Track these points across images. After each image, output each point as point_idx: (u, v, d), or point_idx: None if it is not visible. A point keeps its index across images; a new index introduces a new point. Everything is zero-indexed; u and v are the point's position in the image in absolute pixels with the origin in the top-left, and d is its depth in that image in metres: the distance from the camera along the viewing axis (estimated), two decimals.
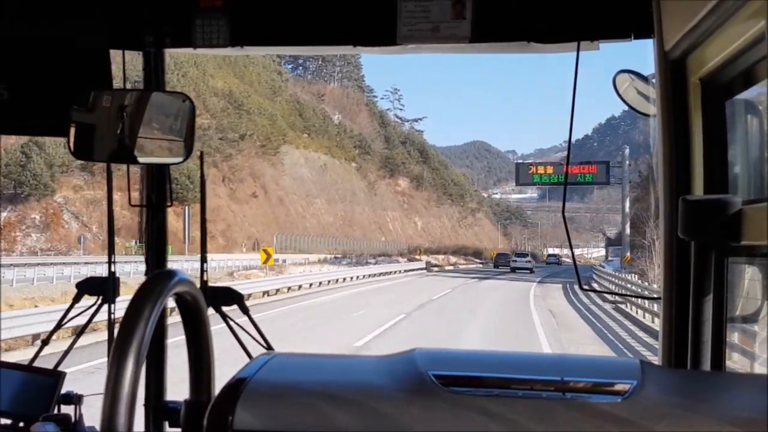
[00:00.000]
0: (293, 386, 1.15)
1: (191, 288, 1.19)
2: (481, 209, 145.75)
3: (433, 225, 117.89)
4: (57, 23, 2.40)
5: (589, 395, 1.12)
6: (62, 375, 2.15)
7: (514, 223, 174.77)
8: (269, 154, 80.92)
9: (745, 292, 2.01)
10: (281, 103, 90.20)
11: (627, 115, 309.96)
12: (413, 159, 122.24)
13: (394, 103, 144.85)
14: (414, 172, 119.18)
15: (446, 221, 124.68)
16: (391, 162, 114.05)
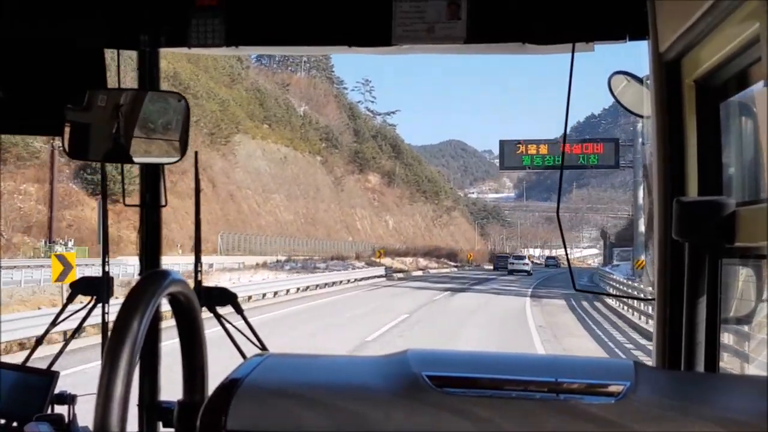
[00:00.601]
0: (287, 387, 1.15)
1: (185, 288, 1.19)
2: (457, 208, 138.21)
3: (405, 224, 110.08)
4: (52, 23, 2.40)
5: (583, 396, 1.12)
6: (56, 375, 2.16)
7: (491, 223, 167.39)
8: (219, 143, 71.73)
9: (739, 294, 2.00)
10: (239, 91, 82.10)
11: (607, 113, 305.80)
12: (385, 154, 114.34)
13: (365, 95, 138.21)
14: (385, 167, 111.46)
15: (420, 220, 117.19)
16: (361, 156, 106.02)
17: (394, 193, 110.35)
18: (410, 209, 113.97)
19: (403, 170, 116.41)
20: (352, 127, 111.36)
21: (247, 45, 2.46)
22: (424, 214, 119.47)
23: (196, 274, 2.40)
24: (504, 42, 2.39)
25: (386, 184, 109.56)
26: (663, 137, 1.97)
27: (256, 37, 2.46)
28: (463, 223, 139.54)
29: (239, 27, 2.42)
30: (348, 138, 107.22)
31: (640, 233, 45.01)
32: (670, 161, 1.96)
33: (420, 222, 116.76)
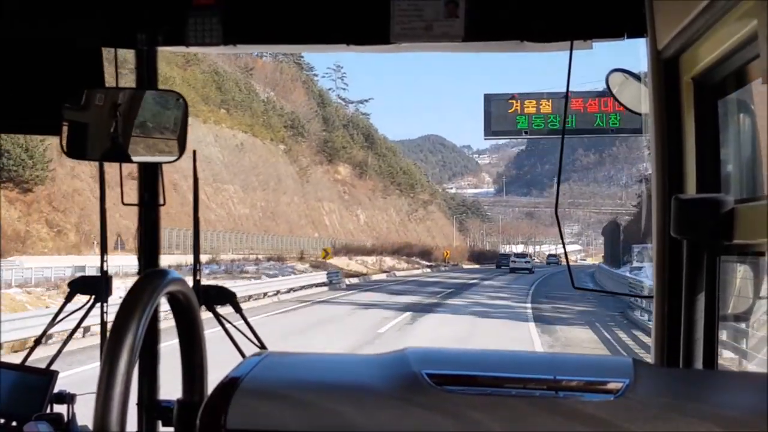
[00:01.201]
0: (286, 385, 1.16)
1: (184, 287, 1.20)
2: (434, 201, 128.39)
3: (378, 219, 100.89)
4: (50, 22, 2.41)
5: (582, 394, 1.13)
6: (55, 374, 2.16)
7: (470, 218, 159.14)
8: None
9: (737, 291, 2.01)
10: (194, 73, 73.97)
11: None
12: (357, 144, 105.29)
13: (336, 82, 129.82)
14: (357, 158, 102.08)
15: (394, 215, 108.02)
16: (331, 146, 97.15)
17: (366, 186, 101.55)
18: (384, 203, 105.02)
19: (376, 161, 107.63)
20: (321, 114, 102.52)
21: (244, 44, 2.48)
22: (399, 209, 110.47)
23: (194, 273, 2.41)
24: (502, 40, 2.40)
25: (358, 176, 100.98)
26: (661, 134, 1.98)
27: (254, 36, 2.47)
28: (440, 218, 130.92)
29: (237, 26, 2.43)
30: (316, 126, 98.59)
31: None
32: (669, 158, 1.97)
33: (394, 216, 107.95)
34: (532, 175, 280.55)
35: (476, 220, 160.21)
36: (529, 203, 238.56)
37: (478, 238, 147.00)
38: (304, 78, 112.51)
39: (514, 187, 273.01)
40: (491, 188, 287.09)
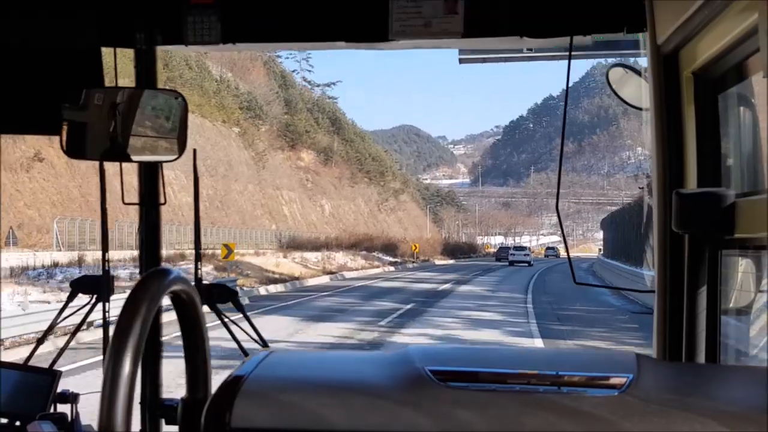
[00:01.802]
0: (290, 383, 1.16)
1: (186, 286, 1.20)
2: (406, 190, 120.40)
3: (344, 209, 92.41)
4: (48, 22, 2.40)
5: (585, 389, 1.13)
6: (58, 374, 2.16)
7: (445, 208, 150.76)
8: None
9: (739, 285, 2.02)
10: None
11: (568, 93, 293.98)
12: (322, 128, 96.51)
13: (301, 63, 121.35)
14: (322, 143, 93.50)
15: (362, 204, 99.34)
16: (293, 130, 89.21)
17: (331, 173, 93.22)
18: (351, 192, 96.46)
19: (342, 147, 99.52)
20: (282, 96, 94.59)
21: (243, 42, 2.47)
22: (368, 198, 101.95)
23: (196, 271, 2.41)
24: (501, 36, 2.39)
25: (322, 163, 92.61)
26: (661, 129, 1.98)
27: (252, 35, 2.47)
28: (413, 208, 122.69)
29: (235, 24, 2.42)
30: (277, 109, 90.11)
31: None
32: (669, 153, 1.97)
33: (363, 207, 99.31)
34: (508, 165, 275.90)
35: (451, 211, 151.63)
36: (505, 193, 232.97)
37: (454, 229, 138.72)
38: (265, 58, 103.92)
39: (490, 177, 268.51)
40: (467, 179, 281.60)
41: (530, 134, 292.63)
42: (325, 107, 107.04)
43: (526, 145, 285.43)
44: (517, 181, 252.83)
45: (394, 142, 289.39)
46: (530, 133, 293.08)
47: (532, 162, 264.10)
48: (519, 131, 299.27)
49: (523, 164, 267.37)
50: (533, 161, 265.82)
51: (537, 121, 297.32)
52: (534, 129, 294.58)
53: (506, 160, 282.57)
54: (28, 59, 2.39)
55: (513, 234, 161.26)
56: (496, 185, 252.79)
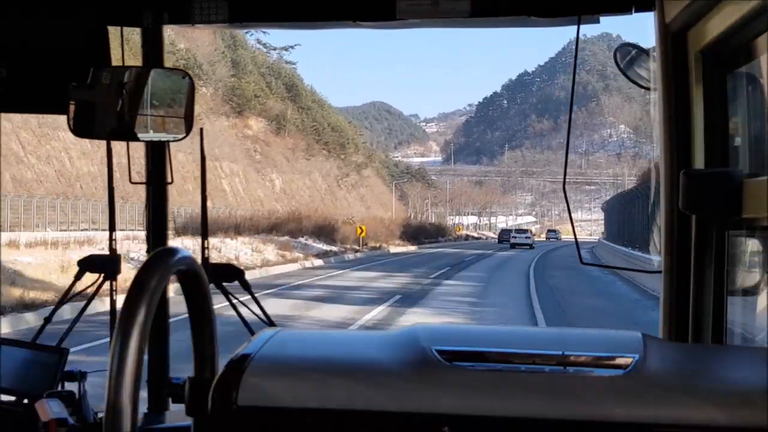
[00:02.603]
0: (297, 362, 1.17)
1: (193, 265, 1.21)
2: (370, 165, 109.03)
3: (298, 185, 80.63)
4: (55, 1, 2.41)
5: (591, 369, 1.14)
6: (65, 352, 2.18)
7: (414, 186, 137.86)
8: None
9: (746, 265, 2.03)
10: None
11: (542, 70, 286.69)
12: (275, 94, 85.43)
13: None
14: (274, 110, 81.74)
15: (319, 179, 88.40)
16: (240, 94, 78.42)
17: (284, 144, 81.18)
18: (306, 165, 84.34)
19: (298, 115, 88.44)
20: (230, 57, 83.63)
21: (250, 21, 2.47)
22: (326, 173, 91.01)
23: (203, 250, 2.41)
24: (509, 15, 2.39)
25: (274, 132, 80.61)
26: (669, 109, 1.97)
27: (260, 14, 2.46)
28: (377, 184, 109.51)
29: (242, 3, 2.42)
30: (223, 70, 79.32)
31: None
32: (677, 133, 1.97)
33: (320, 182, 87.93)
34: (481, 143, 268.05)
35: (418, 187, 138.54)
36: (478, 172, 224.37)
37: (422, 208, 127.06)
38: None
39: (463, 155, 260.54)
40: (439, 157, 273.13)
41: (504, 111, 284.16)
42: (281, 72, 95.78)
43: (500, 123, 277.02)
44: (491, 159, 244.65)
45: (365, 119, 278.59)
46: (504, 110, 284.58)
47: (506, 140, 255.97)
48: (493, 108, 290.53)
49: (497, 142, 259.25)
50: (507, 139, 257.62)
51: (511, 97, 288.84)
52: (508, 106, 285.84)
53: (479, 137, 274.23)
54: (35, 39, 2.39)
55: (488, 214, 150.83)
56: (469, 163, 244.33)
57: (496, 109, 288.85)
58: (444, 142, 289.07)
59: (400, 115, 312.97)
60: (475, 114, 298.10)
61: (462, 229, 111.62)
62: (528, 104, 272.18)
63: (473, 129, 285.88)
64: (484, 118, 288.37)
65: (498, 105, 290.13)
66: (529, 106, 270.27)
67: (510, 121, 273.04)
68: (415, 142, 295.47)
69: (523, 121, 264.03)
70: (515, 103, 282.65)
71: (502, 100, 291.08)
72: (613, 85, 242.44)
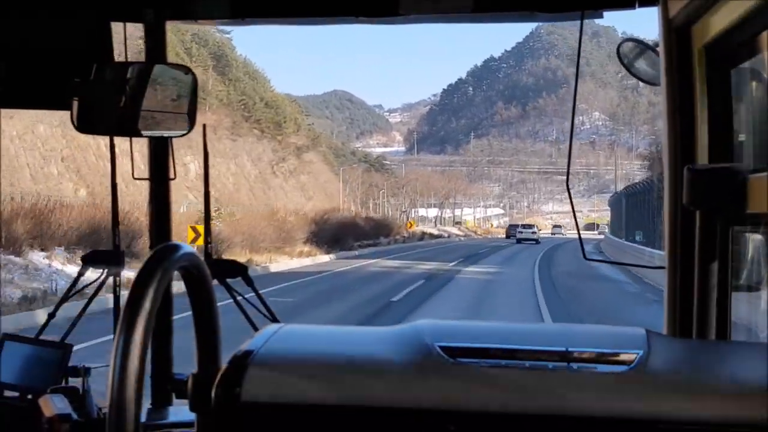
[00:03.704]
0: (301, 358, 1.18)
1: (196, 261, 1.21)
2: (315, 149, 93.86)
3: (221, 170, 67.15)
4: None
5: (595, 365, 1.14)
6: (69, 347, 2.19)
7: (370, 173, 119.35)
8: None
9: (750, 261, 2.02)
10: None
11: (509, 55, 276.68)
12: (197, 63, 71.40)
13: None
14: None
15: (248, 164, 73.37)
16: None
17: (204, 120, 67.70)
18: (232, 147, 70.45)
19: (223, 87, 73.71)
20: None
21: (253, 17, 2.45)
22: (258, 156, 75.73)
23: (206, 246, 2.41)
24: (512, 11, 2.38)
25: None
26: (673, 104, 1.97)
27: (262, 10, 2.45)
28: (323, 171, 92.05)
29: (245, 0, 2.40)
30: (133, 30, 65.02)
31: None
32: (681, 128, 1.96)
33: (248, 167, 73.21)
34: (446, 132, 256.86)
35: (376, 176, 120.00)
36: (443, 161, 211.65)
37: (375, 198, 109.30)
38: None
39: (427, 144, 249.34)
40: (402, 147, 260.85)
41: (470, 99, 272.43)
42: (208, 40, 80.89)
43: (465, 110, 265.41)
44: (456, 149, 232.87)
45: (326, 108, 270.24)
46: (470, 97, 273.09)
47: (471, 128, 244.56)
48: (458, 95, 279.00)
49: (462, 130, 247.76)
50: (473, 127, 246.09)
51: (477, 84, 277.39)
52: (474, 93, 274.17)
53: (444, 126, 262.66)
54: (38, 34, 2.38)
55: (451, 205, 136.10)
56: (433, 153, 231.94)
57: (462, 97, 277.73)
58: (407, 131, 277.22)
59: (363, 104, 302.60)
60: (440, 102, 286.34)
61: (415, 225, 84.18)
62: (494, 91, 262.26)
63: (437, 117, 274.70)
64: (449, 105, 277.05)
65: (463, 92, 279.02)
66: (496, 93, 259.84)
67: (476, 108, 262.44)
68: (378, 132, 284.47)
69: (489, 108, 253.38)
70: (481, 90, 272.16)
71: (467, 87, 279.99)
72: (585, 70, 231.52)
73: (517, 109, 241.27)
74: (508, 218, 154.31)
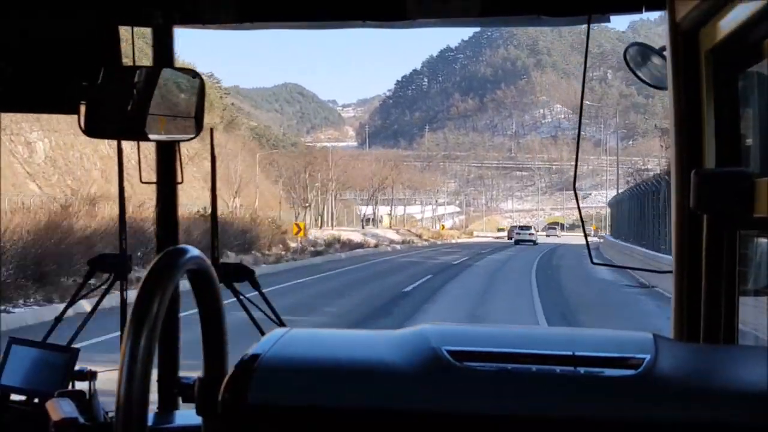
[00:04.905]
0: (307, 361, 1.18)
1: (204, 264, 1.21)
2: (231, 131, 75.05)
3: (85, 152, 50.14)
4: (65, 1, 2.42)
5: (602, 369, 1.14)
6: (76, 351, 2.20)
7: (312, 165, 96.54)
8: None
9: (758, 266, 2.03)
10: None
11: (466, 45, 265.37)
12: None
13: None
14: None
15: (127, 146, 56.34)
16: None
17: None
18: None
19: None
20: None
21: (260, 21, 2.47)
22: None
23: (213, 250, 2.40)
24: (519, 15, 2.39)
25: None
26: (680, 108, 1.98)
27: (270, 14, 2.46)
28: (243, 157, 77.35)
29: (252, 3, 2.43)
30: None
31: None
32: (688, 132, 1.97)
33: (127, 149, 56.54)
34: (399, 125, 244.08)
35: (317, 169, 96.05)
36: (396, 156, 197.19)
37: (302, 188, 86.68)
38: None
39: (380, 138, 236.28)
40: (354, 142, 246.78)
41: (425, 91, 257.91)
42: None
43: (420, 103, 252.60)
44: (410, 143, 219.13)
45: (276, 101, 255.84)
46: (425, 89, 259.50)
47: (427, 121, 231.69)
48: (413, 87, 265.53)
49: (417, 123, 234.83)
50: (428, 120, 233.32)
51: (432, 75, 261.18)
52: (429, 85, 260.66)
53: (397, 119, 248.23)
54: (45, 38, 2.37)
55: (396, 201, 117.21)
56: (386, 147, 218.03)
57: (416, 89, 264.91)
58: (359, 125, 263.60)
59: (314, 97, 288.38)
60: (393, 94, 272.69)
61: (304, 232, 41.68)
62: (451, 82, 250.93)
63: (391, 110, 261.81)
64: (403, 98, 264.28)
65: (418, 84, 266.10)
66: (452, 85, 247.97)
67: (431, 100, 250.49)
68: (330, 127, 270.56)
69: (445, 100, 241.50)
70: (437, 81, 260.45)
71: (422, 79, 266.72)
72: (546, 61, 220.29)
73: (475, 102, 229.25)
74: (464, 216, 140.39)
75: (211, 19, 2.43)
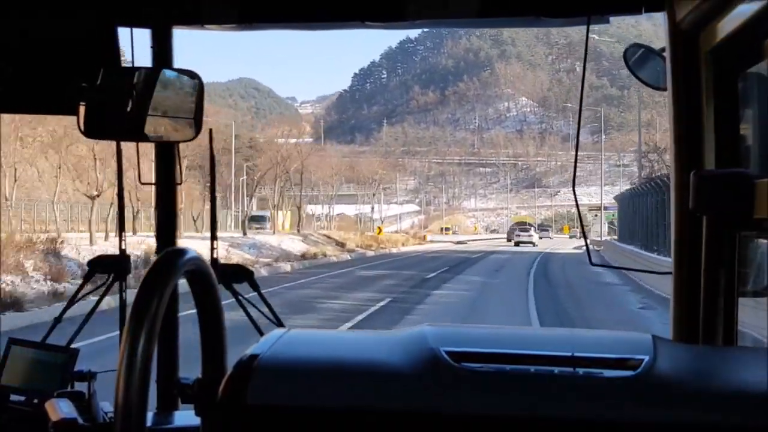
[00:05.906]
0: (306, 362, 1.18)
1: (202, 265, 1.22)
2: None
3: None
4: (65, 2, 2.41)
5: (601, 370, 1.13)
6: (75, 352, 2.20)
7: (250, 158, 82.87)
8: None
9: (757, 267, 2.03)
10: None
11: (427, 36, 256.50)
12: None
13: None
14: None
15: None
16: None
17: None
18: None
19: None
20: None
21: (259, 22, 2.47)
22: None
23: (212, 251, 2.40)
24: (518, 16, 2.38)
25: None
26: (680, 109, 1.98)
27: (269, 15, 2.46)
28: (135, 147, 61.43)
29: (252, 4, 2.42)
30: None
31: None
32: (687, 133, 1.97)
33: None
34: (357, 120, 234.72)
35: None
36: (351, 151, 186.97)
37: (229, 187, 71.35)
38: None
39: (336, 133, 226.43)
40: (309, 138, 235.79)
41: (384, 84, 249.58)
42: None
43: (378, 96, 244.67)
44: (367, 138, 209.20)
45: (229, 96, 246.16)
46: (384, 82, 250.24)
47: (385, 115, 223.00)
48: (371, 80, 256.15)
49: (375, 118, 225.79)
50: (386, 114, 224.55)
51: (392, 68, 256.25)
52: (388, 77, 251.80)
53: (355, 114, 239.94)
54: (44, 39, 2.37)
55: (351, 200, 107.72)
56: (342, 143, 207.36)
57: (375, 82, 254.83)
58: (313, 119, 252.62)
59: (270, 92, 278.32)
60: (350, 88, 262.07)
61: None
62: (411, 75, 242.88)
63: (348, 105, 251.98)
64: (361, 92, 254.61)
65: (377, 77, 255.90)
66: (412, 77, 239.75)
67: (390, 94, 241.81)
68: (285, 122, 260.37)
69: (405, 93, 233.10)
70: (396, 74, 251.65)
71: (381, 70, 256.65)
72: (510, 51, 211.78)
73: (436, 95, 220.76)
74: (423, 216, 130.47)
75: (210, 20, 2.43)
